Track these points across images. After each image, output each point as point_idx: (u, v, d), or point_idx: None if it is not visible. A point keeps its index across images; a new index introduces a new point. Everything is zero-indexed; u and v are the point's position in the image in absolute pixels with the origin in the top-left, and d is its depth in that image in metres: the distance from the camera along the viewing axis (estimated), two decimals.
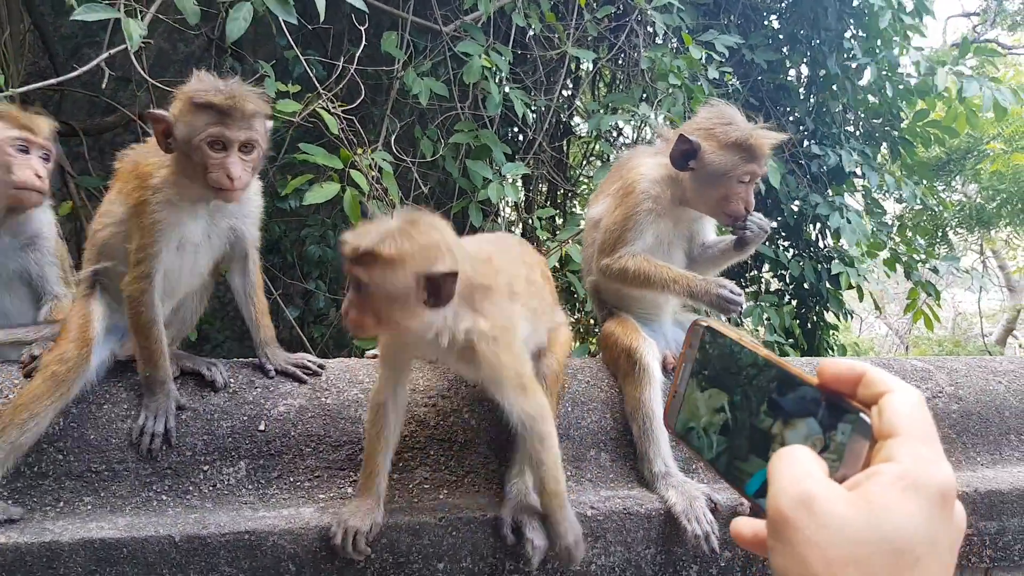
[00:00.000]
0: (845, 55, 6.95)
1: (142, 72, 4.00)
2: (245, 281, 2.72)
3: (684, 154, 2.87)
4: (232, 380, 2.60)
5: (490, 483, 2.55)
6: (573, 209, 7.72)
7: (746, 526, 0.91)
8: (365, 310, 2.06)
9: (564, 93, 6.76)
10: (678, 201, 2.99)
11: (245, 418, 2.50)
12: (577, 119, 8.25)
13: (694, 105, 5.63)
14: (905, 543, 0.75)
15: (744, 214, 2.93)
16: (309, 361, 2.71)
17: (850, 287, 6.69)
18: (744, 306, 2.89)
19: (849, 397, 0.86)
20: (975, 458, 3.09)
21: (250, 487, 2.41)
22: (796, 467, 0.83)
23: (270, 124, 2.51)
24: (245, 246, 2.68)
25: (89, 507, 2.28)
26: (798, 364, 3.18)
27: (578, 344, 6.09)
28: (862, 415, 0.83)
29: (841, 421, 0.84)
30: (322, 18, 3.92)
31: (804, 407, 0.89)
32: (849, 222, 6.40)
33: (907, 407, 0.82)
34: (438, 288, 2.04)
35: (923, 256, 7.14)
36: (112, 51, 3.84)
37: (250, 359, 2.75)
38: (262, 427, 2.49)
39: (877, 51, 6.84)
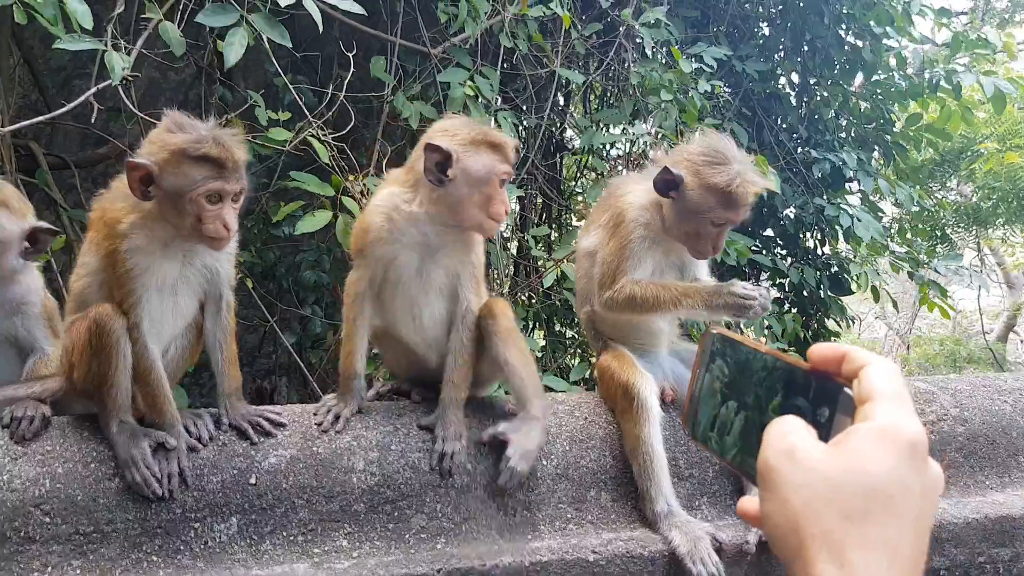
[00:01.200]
0: (836, 61, 6.93)
1: (131, 105, 3.97)
2: (217, 325, 2.67)
3: (666, 183, 2.83)
4: (221, 431, 2.54)
5: (489, 530, 2.50)
6: (569, 224, 7.67)
7: (750, 504, 0.99)
8: None
9: (555, 109, 6.73)
10: (663, 229, 2.93)
11: (235, 471, 2.45)
12: (569, 132, 8.23)
13: (686, 118, 5.60)
14: (878, 485, 0.83)
15: (710, 255, 2.90)
16: (270, 416, 2.60)
17: (866, 289, 6.62)
18: (767, 298, 2.73)
19: (835, 375, 0.95)
20: (984, 482, 3.03)
21: (242, 543, 2.36)
22: (783, 427, 0.93)
23: None
24: (220, 285, 2.64)
25: (78, 571, 2.23)
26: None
27: (577, 362, 6.04)
28: (845, 389, 0.93)
29: (828, 399, 0.94)
30: (320, 32, 3.87)
31: (797, 389, 0.98)
32: (859, 220, 6.35)
33: (882, 375, 0.91)
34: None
35: (924, 258, 7.08)
36: (100, 85, 3.81)
37: None
38: (253, 480, 2.44)
39: (870, 54, 6.80)
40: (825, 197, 6.77)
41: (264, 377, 6.54)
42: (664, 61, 5.85)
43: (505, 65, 5.60)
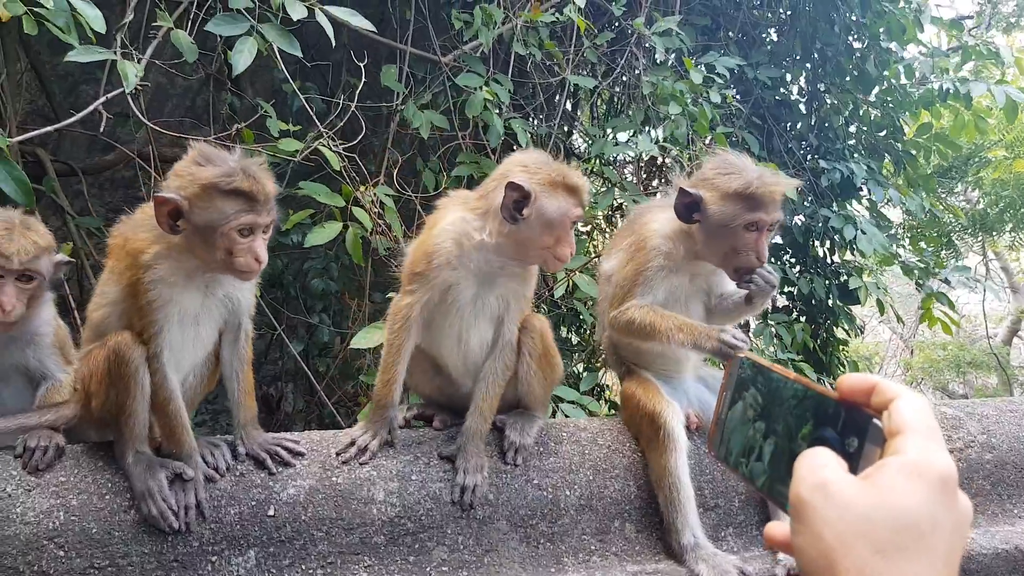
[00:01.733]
0: (849, 66, 6.89)
1: (138, 113, 3.93)
2: (234, 355, 2.63)
3: (687, 207, 2.80)
4: (238, 461, 2.49)
5: (511, 562, 2.45)
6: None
7: (778, 529, 0.99)
8: None
9: (564, 115, 6.68)
10: (693, 255, 2.90)
11: (253, 503, 2.40)
12: (576, 137, 8.17)
13: (697, 127, 5.55)
14: (909, 520, 0.83)
15: (756, 265, 2.80)
16: (288, 445, 2.56)
17: (867, 301, 6.60)
18: (749, 345, 2.78)
19: (865, 406, 0.95)
20: (1012, 510, 2.99)
21: None
22: (815, 459, 0.92)
23: None
24: (240, 315, 2.61)
25: None
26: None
27: (586, 374, 6.00)
28: (875, 420, 0.92)
29: (857, 429, 0.94)
30: (333, 43, 3.83)
31: (825, 418, 0.98)
32: (864, 232, 6.32)
33: (912, 408, 0.91)
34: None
35: (933, 267, 7.05)
36: (111, 94, 3.79)
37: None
38: (271, 512, 2.39)
39: (875, 67, 6.77)
40: (834, 206, 6.73)
41: (270, 384, 6.50)
42: (675, 68, 5.80)
43: (515, 71, 5.55)
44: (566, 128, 7.48)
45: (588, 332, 6.29)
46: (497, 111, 5.01)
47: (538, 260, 2.68)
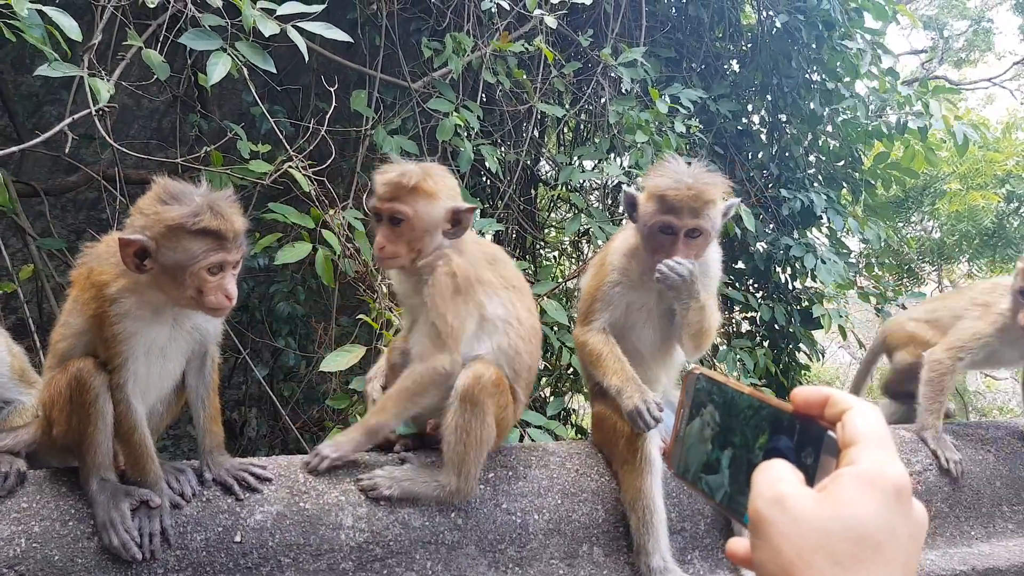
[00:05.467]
0: (804, 101, 7.09)
1: (105, 135, 3.89)
2: (200, 381, 2.60)
3: (629, 207, 2.91)
4: (204, 487, 2.46)
5: None
6: (543, 260, 7.69)
7: (739, 545, 0.99)
8: (399, 241, 2.58)
9: (531, 142, 6.77)
10: (648, 269, 2.89)
11: (220, 528, 2.37)
12: (543, 163, 8.27)
13: (661, 157, 5.67)
14: (865, 531, 0.85)
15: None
16: (255, 471, 2.54)
17: (830, 328, 6.74)
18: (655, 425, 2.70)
19: (819, 418, 0.96)
20: (969, 532, 3.07)
21: None
22: (772, 473, 0.94)
23: None
24: (207, 343, 2.58)
25: None
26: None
27: (552, 398, 6.02)
28: (829, 432, 0.94)
29: (812, 442, 0.95)
30: (307, 59, 3.84)
31: (780, 430, 1.00)
32: (824, 262, 6.48)
33: (864, 419, 0.93)
34: (459, 221, 2.60)
35: (891, 294, 7.23)
36: (76, 115, 3.73)
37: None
38: (238, 538, 2.37)
39: (840, 94, 6.98)
40: (795, 234, 6.90)
41: (233, 408, 6.41)
42: (640, 98, 5.92)
43: (484, 98, 5.62)
44: (533, 155, 7.57)
45: (555, 357, 6.33)
46: (467, 136, 5.07)
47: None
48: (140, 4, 3.78)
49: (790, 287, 7.35)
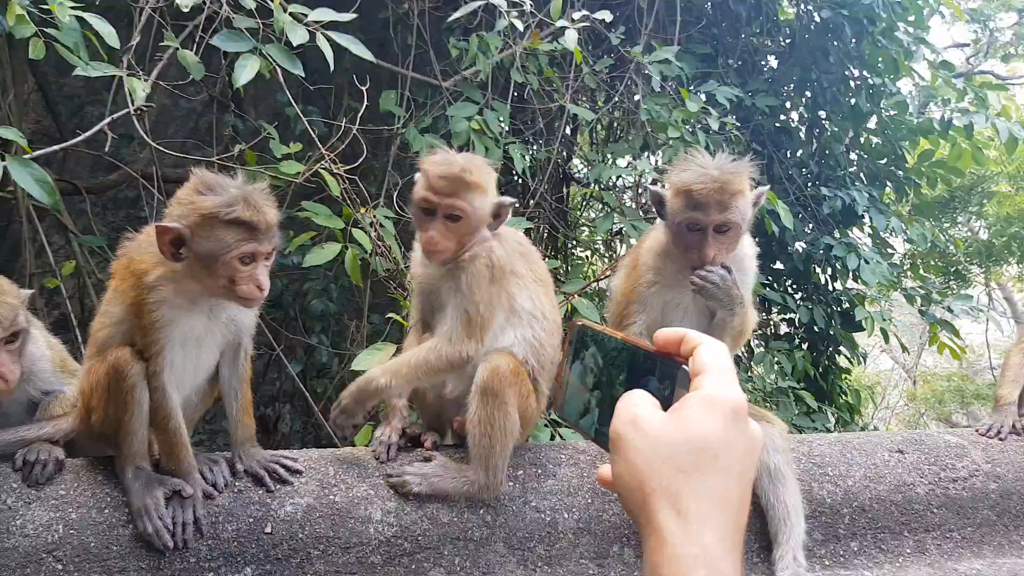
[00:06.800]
0: (846, 97, 6.95)
1: (144, 134, 3.96)
2: (234, 373, 2.64)
3: (657, 204, 2.83)
4: (236, 478, 2.49)
5: None
6: (574, 258, 7.65)
7: (606, 470, 1.09)
8: (452, 236, 2.56)
9: (563, 140, 6.74)
10: (682, 268, 2.84)
11: (251, 519, 2.39)
12: (576, 161, 8.23)
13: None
14: (705, 444, 0.98)
15: (699, 264, 2.72)
16: (286, 463, 2.56)
17: (872, 333, 6.58)
18: None
19: (676, 355, 1.10)
20: (1019, 542, 2.95)
21: None
22: (630, 399, 1.07)
23: None
24: (241, 335, 2.61)
25: None
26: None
27: None
28: (683, 366, 1.07)
29: (670, 376, 1.08)
30: (332, 67, 3.87)
31: (646, 369, 1.12)
32: (867, 262, 6.33)
33: (710, 352, 1.06)
34: (499, 214, 2.64)
35: (937, 296, 7.04)
36: (117, 115, 3.82)
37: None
38: (268, 529, 2.38)
39: (881, 90, 6.82)
40: (836, 234, 6.76)
41: (267, 404, 6.48)
42: (673, 96, 5.85)
43: (515, 96, 5.61)
44: (565, 153, 7.54)
45: None
46: (492, 138, 5.05)
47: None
48: (176, 6, 3.83)
49: (830, 288, 7.21)
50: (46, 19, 3.26)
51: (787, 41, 7.37)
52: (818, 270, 7.08)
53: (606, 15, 5.00)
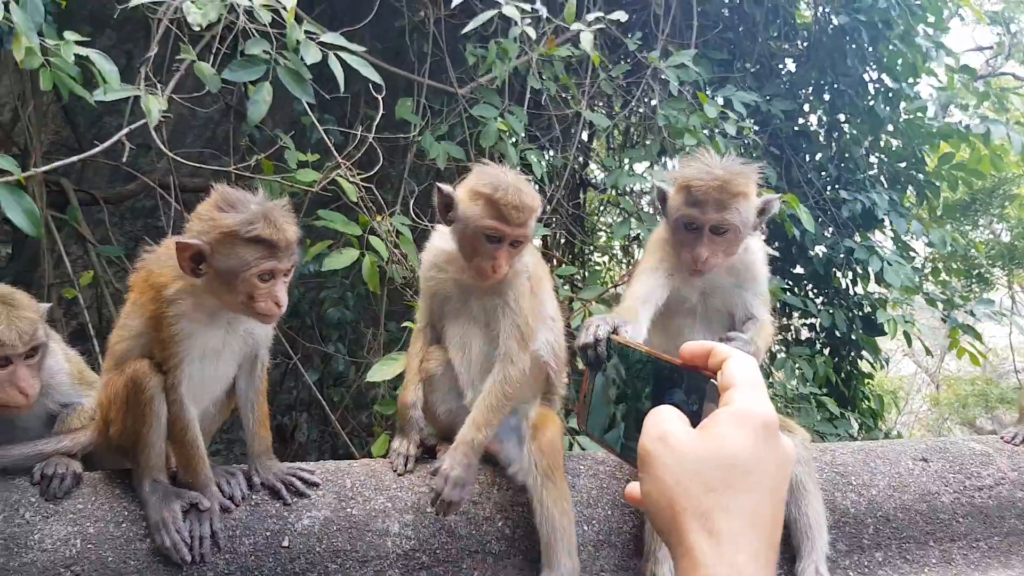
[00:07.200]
0: (864, 100, 6.87)
1: (161, 145, 3.98)
2: (250, 385, 2.64)
3: (662, 202, 2.80)
4: (253, 491, 2.47)
5: None
6: (592, 264, 7.60)
7: (634, 487, 1.07)
8: (512, 259, 2.55)
9: (580, 146, 6.71)
10: (683, 265, 2.78)
11: (268, 533, 2.38)
12: (592, 166, 8.19)
13: None
14: (736, 460, 0.95)
15: (692, 268, 2.68)
16: (303, 475, 2.55)
17: (895, 334, 6.49)
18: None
19: (704, 369, 1.07)
20: None
21: None
22: (659, 415, 1.04)
23: None
24: (258, 347, 2.62)
25: None
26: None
27: None
28: (711, 380, 1.04)
29: (698, 390, 1.06)
30: (342, 89, 3.89)
31: (672, 382, 1.10)
32: (890, 264, 6.24)
33: (740, 366, 1.03)
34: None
35: (958, 300, 6.92)
36: (133, 126, 3.84)
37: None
38: (286, 543, 2.37)
39: (900, 93, 6.75)
40: (856, 237, 6.68)
41: (284, 413, 6.49)
42: (690, 102, 5.81)
43: (531, 103, 5.59)
44: (582, 159, 7.51)
45: None
46: (512, 142, 5.04)
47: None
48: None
49: (851, 292, 7.11)
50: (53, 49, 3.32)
51: (804, 44, 7.30)
52: (839, 274, 6.99)
53: (621, 15, 4.96)
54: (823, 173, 7.10)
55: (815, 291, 7.19)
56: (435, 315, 2.87)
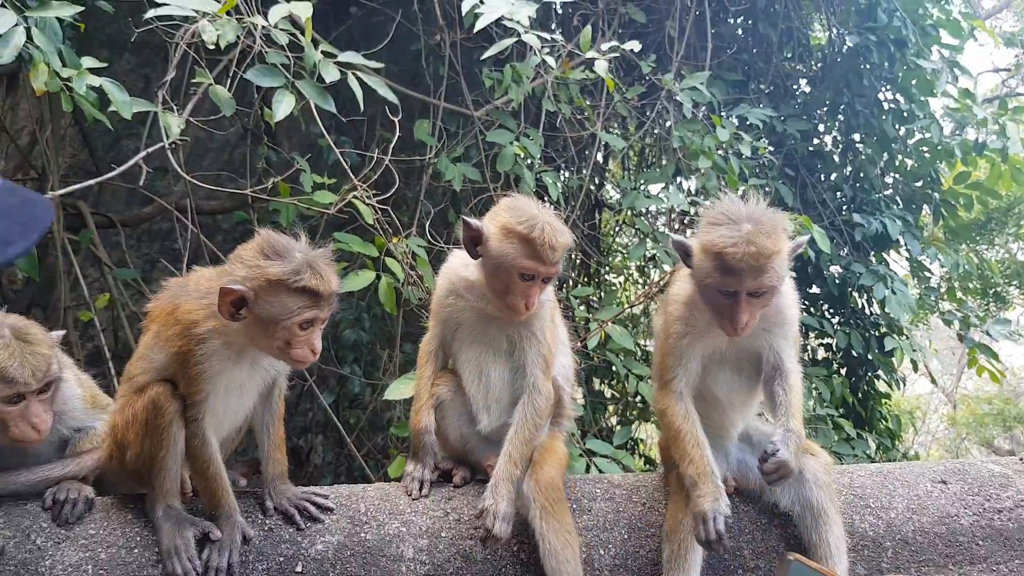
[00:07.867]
0: (879, 120, 6.85)
1: (178, 167, 4.00)
2: (267, 411, 2.65)
3: (683, 256, 2.62)
4: (266, 516, 2.46)
5: None
6: (608, 284, 7.58)
7: None
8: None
9: (595, 167, 6.72)
10: (712, 320, 2.64)
11: (281, 559, 2.36)
12: (608, 186, 8.20)
13: (728, 180, 5.55)
14: None
15: (731, 333, 2.54)
16: (317, 500, 2.55)
17: (902, 361, 6.43)
18: (724, 545, 2.41)
19: None
20: None
21: None
22: None
23: None
24: (278, 376, 2.63)
25: None
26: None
27: (619, 427, 5.90)
28: None
29: None
30: (361, 107, 3.91)
31: None
32: (895, 293, 6.18)
33: None
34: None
35: (975, 320, 6.83)
36: (151, 148, 3.85)
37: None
38: (299, 569, 2.35)
39: (915, 114, 6.72)
40: (872, 257, 6.63)
41: (300, 435, 6.47)
42: (704, 123, 5.81)
43: (547, 125, 5.61)
44: (598, 180, 7.51)
45: (622, 384, 6.20)
46: (528, 164, 5.05)
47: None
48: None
49: (867, 312, 7.06)
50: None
51: (819, 65, 7.31)
52: (855, 294, 6.94)
53: (635, 45, 4.98)
54: (838, 193, 7.07)
55: (831, 311, 7.14)
56: (447, 340, 2.87)
